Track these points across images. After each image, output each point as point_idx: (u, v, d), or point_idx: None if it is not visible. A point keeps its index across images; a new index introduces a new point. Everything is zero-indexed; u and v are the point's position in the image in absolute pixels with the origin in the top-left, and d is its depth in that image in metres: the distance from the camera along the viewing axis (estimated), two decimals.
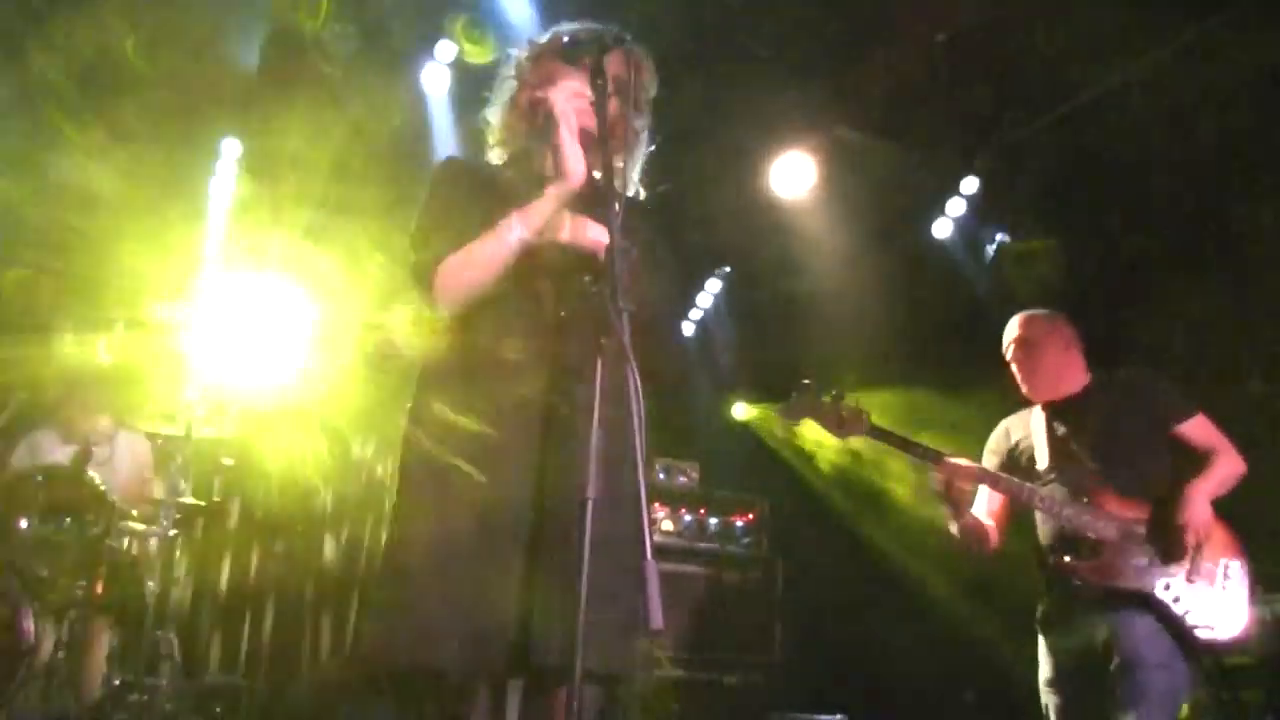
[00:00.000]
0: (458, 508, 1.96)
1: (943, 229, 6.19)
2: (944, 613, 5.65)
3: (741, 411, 7.80)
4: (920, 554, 5.89)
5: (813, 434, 7.36)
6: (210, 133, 6.23)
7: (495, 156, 2.32)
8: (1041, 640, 3.24)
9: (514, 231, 2.03)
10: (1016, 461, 3.40)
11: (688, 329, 7.54)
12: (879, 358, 6.28)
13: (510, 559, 1.92)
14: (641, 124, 2.30)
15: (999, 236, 6.08)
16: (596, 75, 2.05)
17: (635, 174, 2.33)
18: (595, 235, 2.06)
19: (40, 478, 4.51)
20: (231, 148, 6.27)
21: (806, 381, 3.15)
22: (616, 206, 1.92)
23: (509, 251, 2.04)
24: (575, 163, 2.05)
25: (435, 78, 5.49)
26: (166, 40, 5.31)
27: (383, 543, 2.18)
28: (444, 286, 2.06)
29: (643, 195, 2.38)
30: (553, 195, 2.05)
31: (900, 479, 6.25)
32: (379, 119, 5.92)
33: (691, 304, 7.45)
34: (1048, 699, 3.18)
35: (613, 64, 2.14)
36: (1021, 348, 3.40)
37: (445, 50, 5.39)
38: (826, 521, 6.74)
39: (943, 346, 5.98)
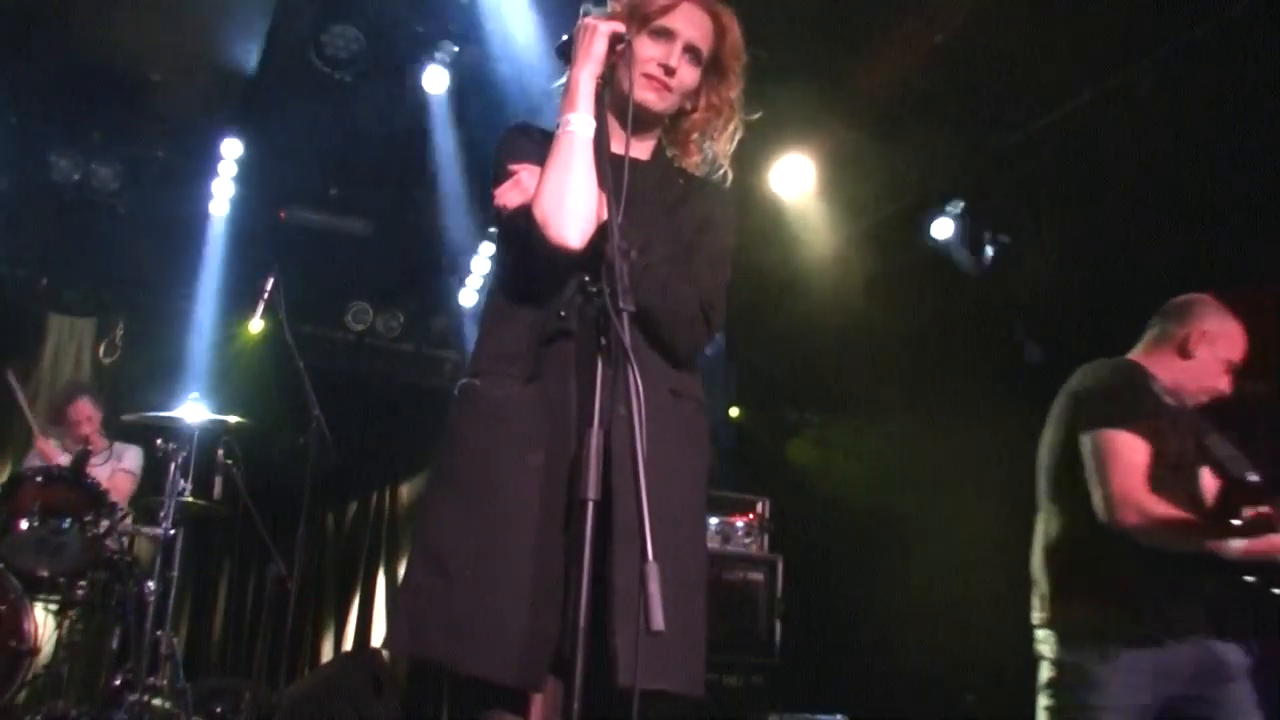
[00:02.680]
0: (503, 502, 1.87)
1: (943, 229, 6.18)
2: (946, 613, 5.64)
3: (740, 412, 7.80)
4: (921, 554, 5.88)
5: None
6: (210, 133, 6.23)
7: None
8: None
9: (565, 124, 1.92)
10: None
11: None
12: (878, 359, 6.27)
13: (561, 564, 1.82)
14: (723, 96, 2.20)
15: (999, 237, 6.07)
16: (617, 41, 1.94)
17: (718, 150, 2.24)
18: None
19: (40, 478, 4.51)
20: (231, 148, 6.26)
21: None
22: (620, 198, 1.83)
23: (571, 140, 1.90)
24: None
25: (435, 78, 5.49)
26: (167, 41, 5.31)
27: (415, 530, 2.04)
28: (542, 214, 1.88)
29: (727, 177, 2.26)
30: (575, 75, 1.94)
31: (908, 482, 6.24)
32: (379, 119, 5.92)
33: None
34: None
35: (682, 20, 2.03)
36: None
37: (445, 50, 5.39)
38: (826, 521, 6.73)
39: (944, 350, 5.97)
